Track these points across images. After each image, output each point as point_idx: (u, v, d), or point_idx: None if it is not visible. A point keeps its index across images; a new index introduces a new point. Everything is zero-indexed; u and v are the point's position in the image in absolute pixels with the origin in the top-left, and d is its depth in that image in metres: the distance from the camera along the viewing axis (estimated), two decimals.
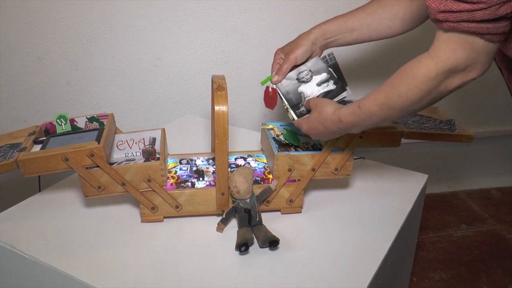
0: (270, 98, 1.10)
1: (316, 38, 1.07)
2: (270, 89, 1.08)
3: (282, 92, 1.07)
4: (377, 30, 1.05)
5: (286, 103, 1.06)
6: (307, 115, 1.01)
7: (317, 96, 1.04)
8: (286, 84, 1.07)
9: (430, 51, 0.74)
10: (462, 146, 2.25)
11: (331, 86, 1.05)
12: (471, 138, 1.15)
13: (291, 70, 1.07)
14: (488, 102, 2.18)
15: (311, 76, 1.07)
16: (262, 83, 1.09)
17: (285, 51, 1.08)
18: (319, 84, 1.06)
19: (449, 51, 0.71)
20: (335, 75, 1.07)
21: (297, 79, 1.07)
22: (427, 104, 0.80)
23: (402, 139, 1.12)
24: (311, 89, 1.06)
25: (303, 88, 1.07)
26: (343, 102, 1.10)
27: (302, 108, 1.05)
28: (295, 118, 1.05)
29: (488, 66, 0.74)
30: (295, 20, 1.72)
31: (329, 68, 1.07)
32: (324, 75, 1.07)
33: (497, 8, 0.64)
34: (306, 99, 1.04)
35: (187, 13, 1.64)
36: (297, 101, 1.06)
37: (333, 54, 1.09)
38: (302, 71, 1.07)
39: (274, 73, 1.07)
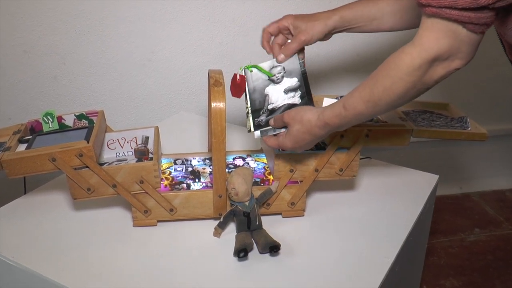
0: (237, 86, 1.07)
1: (334, 27, 1.06)
2: (238, 76, 1.06)
3: (249, 88, 1.06)
4: (402, 18, 1.05)
5: (249, 104, 1.05)
6: (283, 130, 1.00)
7: (280, 107, 1.05)
8: (256, 78, 1.06)
9: (413, 39, 0.76)
10: (475, 145, 2.25)
11: (296, 99, 1.05)
12: (484, 136, 1.15)
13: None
14: (502, 98, 2.18)
15: (282, 77, 1.06)
16: (241, 68, 1.07)
17: (297, 27, 1.05)
18: (286, 92, 1.06)
19: (432, 38, 0.73)
20: (304, 85, 1.06)
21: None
22: (413, 97, 0.82)
23: (411, 137, 1.12)
24: (277, 95, 1.05)
25: (270, 89, 1.06)
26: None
27: (261, 118, 1.04)
28: (252, 129, 1.04)
29: (471, 57, 0.76)
30: (298, 10, 1.71)
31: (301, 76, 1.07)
32: (294, 81, 1.06)
33: None
34: (272, 116, 1.03)
35: (182, 3, 1.64)
36: (259, 106, 1.05)
37: (304, 60, 1.07)
38: (276, 66, 1.07)
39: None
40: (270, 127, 1.03)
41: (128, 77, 1.71)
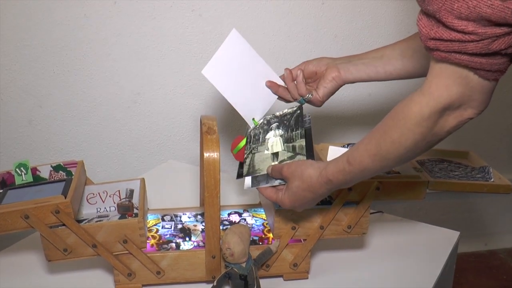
0: (234, 142, 1.16)
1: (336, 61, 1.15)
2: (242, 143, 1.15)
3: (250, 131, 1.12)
4: (414, 61, 1.08)
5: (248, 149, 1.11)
6: (277, 182, 1.02)
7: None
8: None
9: (422, 86, 0.77)
10: (499, 196, 2.23)
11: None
12: (509, 189, 1.16)
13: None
14: None
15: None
16: (235, 151, 1.16)
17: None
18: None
19: (442, 86, 0.75)
20: (306, 142, 1.09)
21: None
22: (424, 149, 0.83)
23: (427, 190, 1.13)
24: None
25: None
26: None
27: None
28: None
29: (485, 106, 0.77)
30: (299, 46, 1.75)
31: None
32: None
33: (490, 42, 0.68)
34: (271, 165, 1.05)
35: (172, 39, 1.66)
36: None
37: (310, 118, 1.12)
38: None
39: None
40: (261, 173, 1.05)
41: (111, 122, 1.72)
